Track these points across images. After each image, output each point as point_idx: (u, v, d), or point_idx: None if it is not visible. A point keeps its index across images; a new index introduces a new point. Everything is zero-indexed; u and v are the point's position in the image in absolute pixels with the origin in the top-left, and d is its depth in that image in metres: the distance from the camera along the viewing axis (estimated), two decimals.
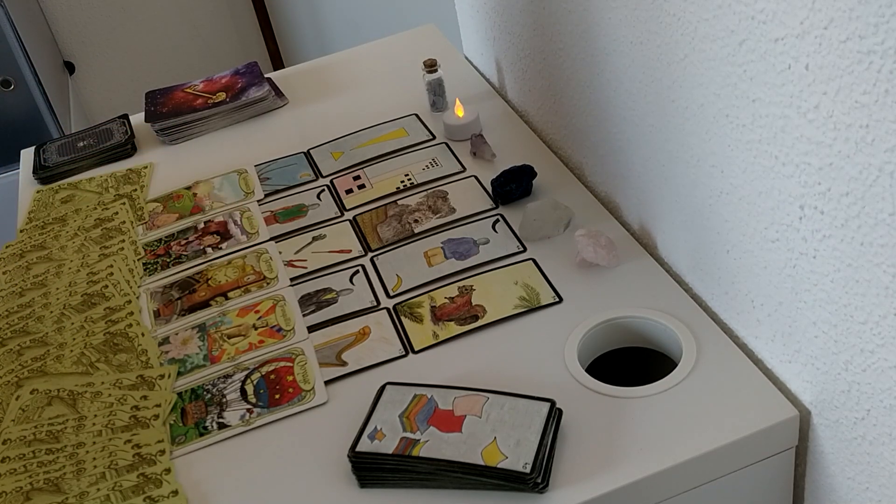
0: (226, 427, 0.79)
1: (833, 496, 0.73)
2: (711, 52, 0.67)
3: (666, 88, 0.76)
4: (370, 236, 0.98)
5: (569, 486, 0.69)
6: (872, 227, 0.57)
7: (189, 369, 0.86)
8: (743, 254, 0.73)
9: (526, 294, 0.86)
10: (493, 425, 0.71)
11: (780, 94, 0.60)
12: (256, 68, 1.32)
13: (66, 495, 0.74)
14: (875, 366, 0.62)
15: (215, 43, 3.00)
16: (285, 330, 0.88)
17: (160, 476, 0.75)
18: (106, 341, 0.90)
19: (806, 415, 0.72)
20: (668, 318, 0.81)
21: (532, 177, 0.98)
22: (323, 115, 1.23)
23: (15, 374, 0.87)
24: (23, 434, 0.80)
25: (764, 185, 0.66)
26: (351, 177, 1.08)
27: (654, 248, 0.90)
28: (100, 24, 2.85)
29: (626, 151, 0.88)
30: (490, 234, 0.95)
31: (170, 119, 1.24)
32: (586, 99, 0.94)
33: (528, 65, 1.08)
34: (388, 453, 0.70)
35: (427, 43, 1.35)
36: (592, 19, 0.86)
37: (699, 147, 0.74)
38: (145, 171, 1.18)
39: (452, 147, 1.10)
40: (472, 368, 0.80)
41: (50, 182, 1.20)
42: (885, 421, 0.63)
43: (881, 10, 0.49)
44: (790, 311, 0.69)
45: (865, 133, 0.54)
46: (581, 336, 0.81)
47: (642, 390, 0.75)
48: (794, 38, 0.57)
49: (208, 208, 1.08)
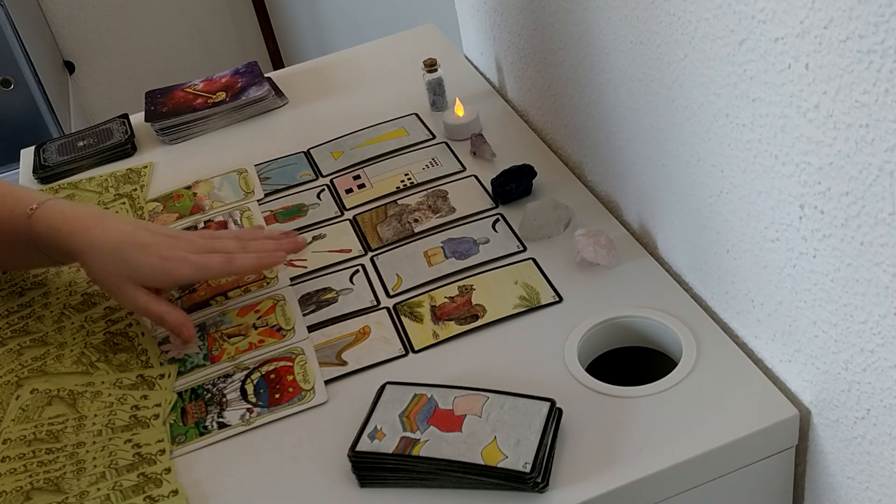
0: (226, 427, 0.79)
1: (833, 496, 0.73)
2: (711, 51, 0.67)
3: (666, 88, 0.76)
4: (370, 236, 0.98)
5: (569, 486, 0.69)
6: (872, 227, 0.57)
7: (189, 369, 0.86)
8: (743, 253, 0.73)
9: (526, 294, 0.86)
10: (493, 425, 0.71)
11: (780, 93, 0.60)
12: (256, 68, 1.32)
13: (66, 495, 0.74)
14: (875, 365, 0.62)
15: (215, 43, 3.00)
16: (285, 329, 0.88)
17: (160, 476, 0.75)
18: (106, 341, 0.90)
19: (806, 414, 0.72)
20: (668, 317, 0.81)
21: (532, 176, 0.99)
22: (323, 115, 1.23)
23: (15, 374, 0.87)
24: (23, 434, 0.80)
25: (764, 184, 0.66)
26: (351, 176, 1.08)
27: (654, 248, 0.90)
28: (100, 24, 2.85)
29: (626, 151, 0.88)
30: (490, 234, 0.95)
31: (170, 119, 1.24)
32: (586, 99, 0.94)
33: (528, 64, 1.08)
34: (388, 453, 0.70)
35: (427, 43, 1.35)
36: (592, 19, 0.86)
37: (699, 146, 0.74)
38: (145, 170, 1.18)
39: (452, 147, 1.10)
40: (472, 368, 0.80)
41: (50, 181, 1.20)
42: (885, 420, 0.63)
43: (881, 9, 0.49)
44: (790, 311, 0.69)
45: (865, 132, 0.54)
46: (581, 336, 0.81)
47: (642, 390, 0.75)
48: (793, 38, 0.57)
49: (208, 208, 1.08)
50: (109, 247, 0.85)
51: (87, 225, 0.86)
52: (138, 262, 0.84)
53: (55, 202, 0.90)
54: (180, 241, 0.87)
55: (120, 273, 0.84)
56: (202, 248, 0.87)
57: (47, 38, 2.67)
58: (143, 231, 0.86)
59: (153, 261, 0.84)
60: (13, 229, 0.90)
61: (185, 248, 0.86)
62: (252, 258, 0.87)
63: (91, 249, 0.85)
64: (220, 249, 0.87)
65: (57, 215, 0.88)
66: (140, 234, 0.86)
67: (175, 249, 0.85)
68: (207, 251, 0.87)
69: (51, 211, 0.89)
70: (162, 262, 0.84)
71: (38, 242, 0.89)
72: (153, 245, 0.85)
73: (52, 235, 0.87)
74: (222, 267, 0.86)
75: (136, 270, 0.84)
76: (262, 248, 0.89)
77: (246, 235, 0.92)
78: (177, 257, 0.85)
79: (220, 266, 0.86)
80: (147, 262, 0.84)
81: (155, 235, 0.86)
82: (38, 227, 0.88)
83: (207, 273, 0.86)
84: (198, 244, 0.87)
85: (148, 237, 0.86)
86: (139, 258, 0.84)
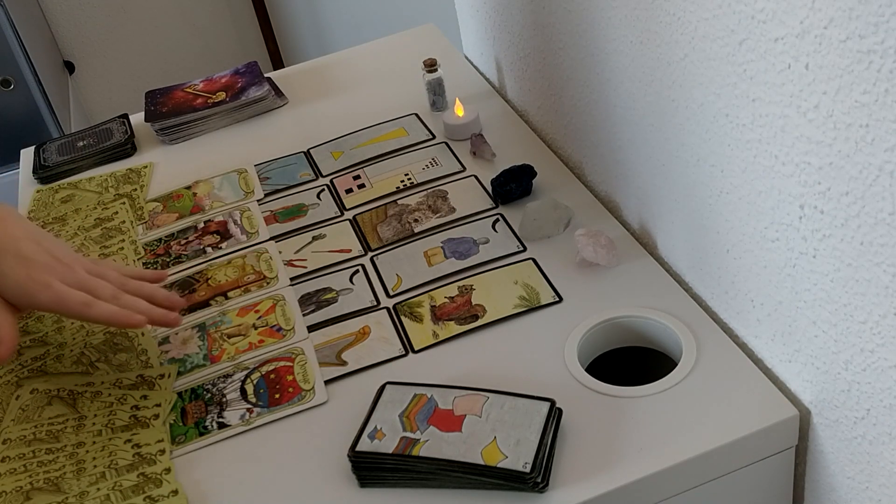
0: (226, 427, 0.79)
1: (833, 496, 0.73)
2: (711, 51, 0.67)
3: (666, 88, 0.76)
4: (370, 236, 0.98)
5: (569, 486, 0.69)
6: (872, 227, 0.57)
7: (189, 369, 0.86)
8: (743, 253, 0.73)
9: (526, 293, 0.86)
10: (493, 425, 0.71)
11: (780, 93, 0.60)
12: (256, 68, 1.32)
13: (66, 495, 0.74)
14: (875, 365, 0.62)
15: (215, 43, 3.00)
16: (285, 329, 0.88)
17: (160, 476, 0.75)
18: (106, 341, 0.90)
19: (806, 414, 0.72)
20: (668, 317, 0.81)
21: (532, 176, 0.99)
22: (323, 115, 1.23)
23: (15, 374, 0.87)
24: (23, 434, 0.80)
25: (764, 184, 0.66)
26: (351, 176, 1.08)
27: (654, 248, 0.90)
28: (100, 24, 2.85)
29: (626, 151, 0.88)
30: (490, 234, 0.95)
31: (170, 119, 1.24)
32: (586, 98, 0.94)
33: (527, 64, 1.08)
34: (388, 453, 0.70)
35: (427, 43, 1.35)
36: (592, 19, 0.86)
37: (699, 146, 0.74)
38: (145, 170, 1.18)
39: (452, 147, 1.10)
40: (471, 368, 0.80)
41: (50, 182, 1.20)
42: (884, 420, 0.63)
43: (881, 9, 0.49)
44: (790, 311, 0.69)
45: (865, 132, 0.54)
46: (581, 335, 0.81)
47: (642, 390, 0.75)
48: (793, 38, 0.57)
49: (208, 208, 1.08)
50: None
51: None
52: (5, 272, 0.79)
53: None
54: (60, 264, 0.81)
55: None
56: (75, 281, 0.81)
57: (47, 38, 2.67)
58: (29, 243, 0.81)
59: (19, 276, 0.79)
60: None
61: (58, 274, 0.80)
62: (109, 312, 0.81)
63: None
64: (92, 289, 0.81)
65: None
66: (24, 245, 0.81)
67: (46, 272, 0.80)
68: (78, 286, 0.81)
69: None
70: (25, 281, 0.79)
71: None
72: (30, 261, 0.80)
73: None
74: (79, 309, 0.80)
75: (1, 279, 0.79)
76: (131, 304, 0.83)
77: (129, 283, 0.85)
78: (42, 281, 0.79)
79: (78, 308, 0.80)
80: (13, 275, 0.79)
81: (39, 251, 0.81)
82: None
83: (62, 309, 0.80)
84: (74, 275, 0.81)
85: (30, 250, 0.81)
86: (9, 268, 0.79)
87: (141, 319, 0.82)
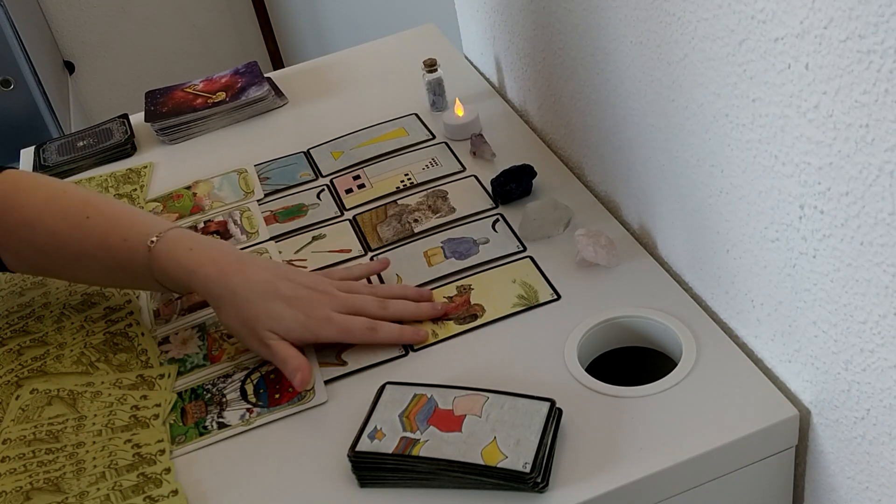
0: (226, 427, 0.79)
1: (833, 496, 0.73)
2: (711, 51, 0.67)
3: (666, 88, 0.76)
4: (370, 236, 0.98)
5: (569, 486, 0.69)
6: (872, 227, 0.57)
7: (189, 369, 0.86)
8: (743, 253, 0.73)
9: (524, 292, 0.86)
10: (493, 425, 0.71)
11: (780, 93, 0.60)
12: (256, 68, 1.32)
13: (66, 495, 0.74)
14: (875, 365, 0.62)
15: (215, 43, 3.00)
16: None
17: (160, 476, 0.75)
18: (106, 341, 0.90)
19: (806, 414, 0.72)
20: (668, 317, 0.81)
21: (532, 176, 0.99)
22: (323, 115, 1.23)
23: (15, 374, 0.87)
24: (23, 434, 0.80)
25: (764, 184, 0.66)
26: (351, 176, 1.08)
27: (654, 248, 0.90)
28: (100, 24, 2.85)
29: (626, 151, 0.89)
30: (490, 234, 0.95)
31: (170, 119, 1.24)
32: (586, 99, 0.94)
33: (528, 64, 1.08)
34: (388, 453, 0.70)
35: (427, 43, 1.35)
36: (592, 19, 0.86)
37: (699, 146, 0.74)
38: (145, 170, 1.18)
39: (452, 147, 1.10)
40: (471, 368, 0.80)
41: None
42: (885, 420, 0.63)
43: (881, 9, 0.49)
44: (790, 311, 0.69)
45: (865, 132, 0.54)
46: (581, 335, 0.81)
47: (642, 390, 0.75)
48: (793, 38, 0.57)
49: (208, 208, 1.08)
50: (251, 296, 0.81)
51: (225, 270, 0.82)
52: (281, 315, 0.81)
53: (178, 234, 0.85)
54: (323, 295, 0.83)
55: (259, 322, 0.81)
56: (344, 306, 0.83)
57: (47, 38, 2.67)
58: (283, 281, 0.82)
59: (298, 316, 0.81)
60: (123, 259, 0.86)
61: (328, 304, 0.82)
62: (396, 333, 0.83)
63: (232, 297, 0.81)
64: (360, 310, 0.83)
65: (185, 253, 0.84)
66: (281, 286, 0.82)
67: (319, 307, 0.82)
68: (349, 311, 0.83)
69: (177, 246, 0.84)
70: (307, 320, 0.81)
71: (159, 276, 0.85)
72: (296, 298, 0.81)
73: (181, 275, 0.83)
74: (365, 335, 0.82)
75: (278, 322, 0.80)
76: (401, 311, 0.85)
77: (381, 292, 0.86)
78: (320, 317, 0.81)
79: (363, 335, 0.82)
80: (292, 315, 0.81)
81: (295, 287, 0.83)
82: (161, 262, 0.84)
83: (350, 339, 0.82)
84: (339, 301, 0.83)
85: (289, 289, 0.82)
86: (282, 311, 0.81)
87: (426, 332, 0.84)
